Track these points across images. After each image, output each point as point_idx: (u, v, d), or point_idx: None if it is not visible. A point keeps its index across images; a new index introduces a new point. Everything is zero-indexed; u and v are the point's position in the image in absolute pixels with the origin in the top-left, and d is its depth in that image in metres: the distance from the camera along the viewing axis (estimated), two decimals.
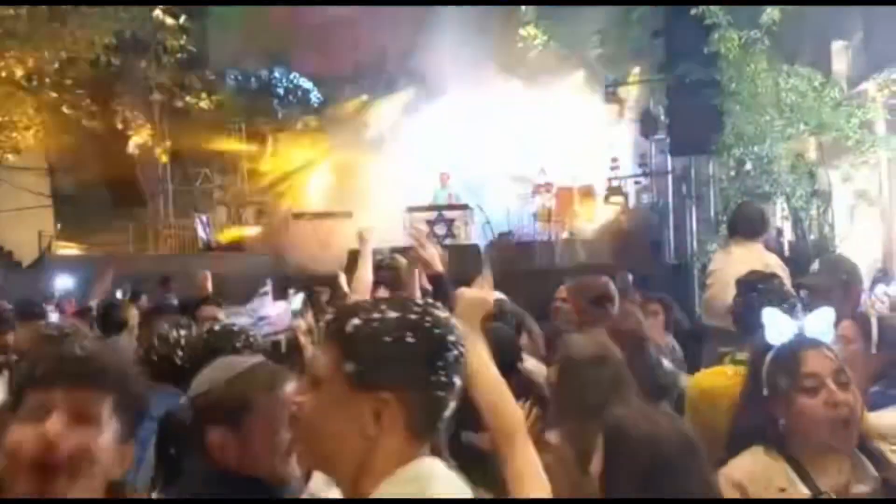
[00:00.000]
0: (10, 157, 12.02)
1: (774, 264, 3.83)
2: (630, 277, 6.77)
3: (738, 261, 3.78)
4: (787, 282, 3.19)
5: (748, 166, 8.75)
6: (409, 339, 1.25)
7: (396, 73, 15.65)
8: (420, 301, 1.37)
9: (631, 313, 3.55)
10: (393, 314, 1.27)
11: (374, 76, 15.75)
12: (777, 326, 1.91)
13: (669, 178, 11.25)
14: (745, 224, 4.20)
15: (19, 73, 10.85)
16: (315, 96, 16.25)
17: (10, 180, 12.87)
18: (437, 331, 1.28)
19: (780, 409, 1.87)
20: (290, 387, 1.74)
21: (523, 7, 14.88)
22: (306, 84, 16.40)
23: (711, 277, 4.21)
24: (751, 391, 1.97)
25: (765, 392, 1.90)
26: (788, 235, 9.53)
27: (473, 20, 14.08)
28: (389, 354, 1.25)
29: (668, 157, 11.14)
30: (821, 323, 1.92)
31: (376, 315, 1.28)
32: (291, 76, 16.26)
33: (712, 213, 9.34)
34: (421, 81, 15.12)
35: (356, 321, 1.27)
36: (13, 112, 11.00)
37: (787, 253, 8.18)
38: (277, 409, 1.71)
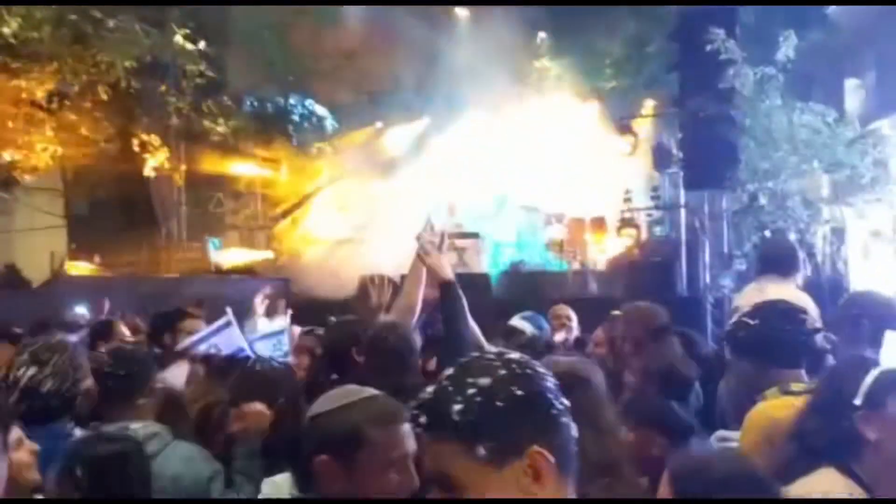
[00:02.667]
0: (27, 177, 12.14)
1: (810, 306, 3.77)
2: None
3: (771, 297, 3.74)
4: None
5: (762, 201, 8.75)
6: (518, 393, 1.23)
7: (410, 101, 15.79)
8: (487, 353, 1.34)
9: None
10: (484, 379, 1.23)
11: (389, 104, 15.88)
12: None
13: (682, 211, 11.26)
14: (781, 260, 4.10)
15: (40, 94, 11.00)
16: (330, 123, 16.39)
17: (25, 200, 12.98)
18: (528, 370, 1.27)
19: (874, 427, 1.84)
20: (406, 426, 1.67)
21: (538, 39, 15.04)
22: (321, 111, 16.55)
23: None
24: (829, 406, 1.94)
25: (859, 407, 1.87)
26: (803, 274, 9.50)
27: (488, 51, 14.22)
28: (509, 417, 1.21)
29: (682, 191, 11.16)
30: None
31: (471, 389, 1.23)
32: (307, 102, 16.41)
33: (725, 248, 9.34)
34: (434, 111, 15.25)
35: (458, 406, 1.22)
36: (32, 133, 11.14)
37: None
38: (390, 447, 1.67)
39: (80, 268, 13.60)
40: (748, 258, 8.68)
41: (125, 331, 5.58)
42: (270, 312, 5.37)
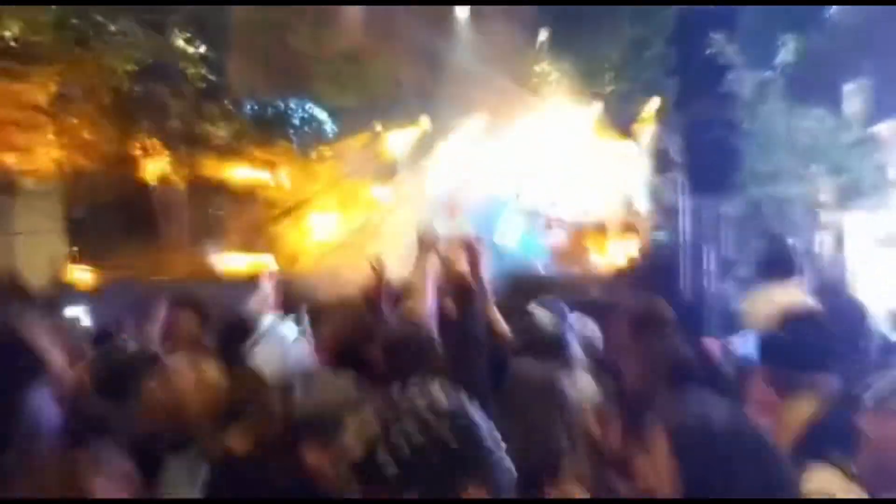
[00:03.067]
0: (27, 180, 12.14)
1: (814, 308, 3.79)
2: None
3: (780, 305, 3.75)
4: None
5: (763, 206, 8.78)
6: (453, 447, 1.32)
7: (410, 105, 15.80)
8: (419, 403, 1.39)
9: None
10: (418, 438, 1.33)
11: (389, 108, 15.89)
12: None
13: (682, 216, 11.27)
14: (780, 265, 4.16)
15: (41, 98, 11.01)
16: (330, 127, 16.39)
17: (25, 203, 12.98)
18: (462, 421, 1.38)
19: (874, 426, 1.93)
20: None
21: (538, 42, 15.07)
22: (321, 114, 16.55)
23: (751, 319, 4.15)
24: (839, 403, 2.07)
25: (865, 404, 1.98)
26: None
27: (488, 54, 14.25)
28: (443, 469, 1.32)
29: (682, 196, 11.17)
30: None
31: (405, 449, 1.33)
32: (307, 106, 16.41)
33: (727, 253, 9.35)
34: (434, 114, 15.26)
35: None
36: (33, 137, 11.14)
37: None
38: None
39: (79, 272, 13.59)
40: (750, 263, 8.71)
41: None
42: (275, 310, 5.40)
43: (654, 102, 12.87)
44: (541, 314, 3.86)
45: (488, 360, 3.20)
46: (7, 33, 10.60)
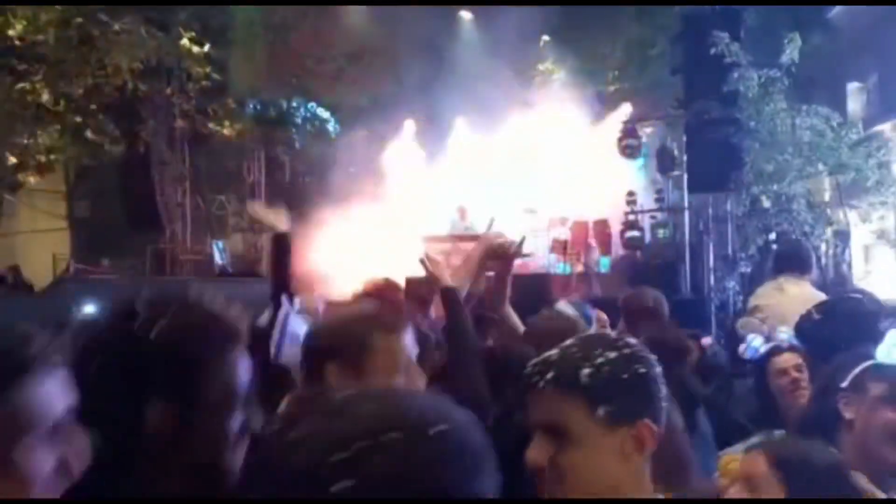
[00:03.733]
0: (32, 179, 12.17)
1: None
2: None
3: (793, 298, 3.78)
4: None
5: (766, 204, 8.78)
6: (641, 370, 1.41)
7: (414, 104, 15.83)
8: (612, 336, 1.55)
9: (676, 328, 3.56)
10: (611, 353, 1.41)
11: (392, 107, 15.91)
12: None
13: (686, 214, 11.29)
14: (796, 260, 4.20)
15: (45, 97, 11.04)
16: (332, 126, 16.42)
17: (28, 202, 13.01)
18: (648, 356, 1.45)
19: (852, 408, 2.06)
20: (409, 334, 1.86)
21: (541, 41, 15.09)
22: (324, 114, 16.57)
23: (761, 312, 4.18)
24: (825, 389, 2.19)
25: (844, 390, 2.10)
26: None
27: (491, 54, 14.27)
28: (631, 388, 1.39)
29: (685, 194, 11.19)
30: None
31: (600, 358, 1.40)
32: (309, 106, 16.44)
33: (730, 250, 9.36)
34: (439, 113, 15.28)
35: (587, 370, 1.38)
36: (38, 135, 11.17)
37: None
38: (397, 352, 1.80)
39: (84, 269, 13.61)
40: (753, 260, 8.72)
41: None
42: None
43: (658, 101, 12.89)
44: (566, 308, 3.89)
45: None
46: (11, 32, 10.63)
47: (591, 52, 13.93)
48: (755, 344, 3.39)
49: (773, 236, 8.63)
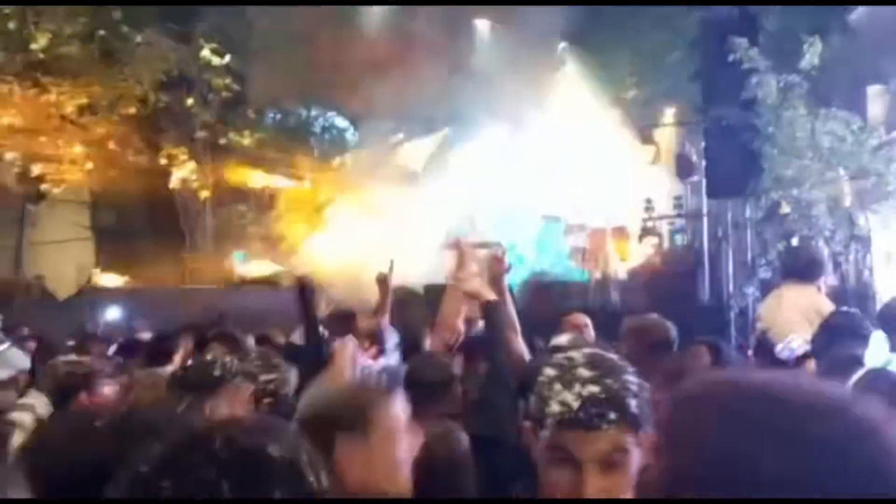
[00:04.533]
0: (55, 189, 12.34)
1: (827, 308, 3.80)
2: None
3: (789, 305, 3.77)
4: None
5: (786, 209, 8.72)
6: (645, 383, 1.51)
7: (432, 112, 15.89)
8: (613, 355, 1.60)
9: (698, 355, 3.48)
10: (630, 376, 1.49)
11: (410, 115, 15.98)
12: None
13: (705, 220, 11.24)
14: (800, 267, 4.18)
15: (70, 108, 11.21)
16: (351, 135, 16.52)
17: (52, 212, 13.19)
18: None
19: None
20: (401, 401, 1.91)
21: (559, 48, 15.12)
22: (342, 123, 16.68)
23: (762, 322, 4.19)
24: None
25: None
26: (829, 280, 9.45)
27: (508, 62, 14.31)
28: (647, 402, 1.49)
29: (704, 199, 11.14)
30: None
31: (632, 385, 1.48)
32: (328, 115, 16.56)
33: (749, 256, 9.31)
34: (456, 121, 15.33)
35: (633, 400, 1.47)
36: (62, 146, 11.35)
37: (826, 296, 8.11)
38: (395, 422, 1.84)
39: (106, 279, 13.77)
40: (772, 266, 8.66)
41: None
42: None
43: (676, 107, 12.86)
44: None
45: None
46: (35, 45, 10.81)
47: (609, 58, 13.93)
48: (793, 345, 3.36)
49: (794, 241, 8.57)
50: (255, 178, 14.95)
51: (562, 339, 4.16)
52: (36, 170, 11.24)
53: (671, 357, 3.34)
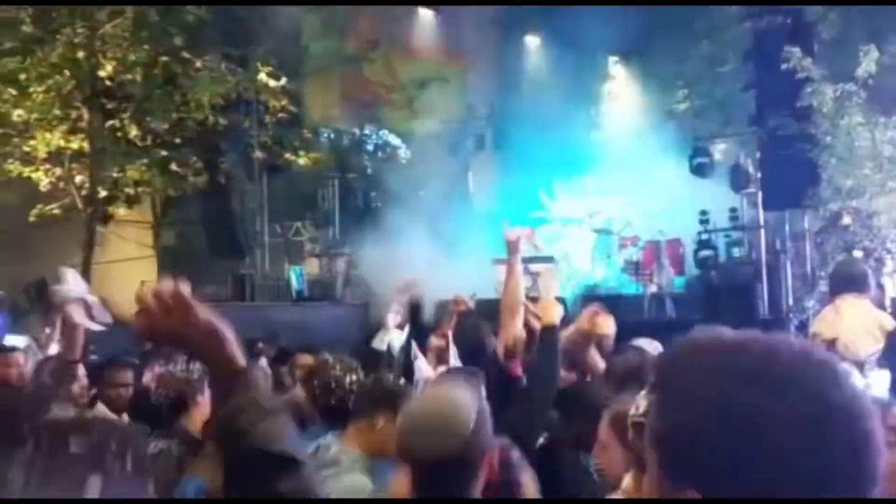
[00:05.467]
0: (121, 210, 12.79)
1: (887, 321, 3.75)
2: None
3: (850, 317, 3.72)
4: None
5: (846, 220, 8.56)
6: None
7: (482, 130, 16.02)
8: None
9: None
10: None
11: (461, 133, 16.13)
12: None
13: (762, 232, 11.08)
14: (850, 281, 4.12)
15: (133, 132, 11.63)
16: (403, 153, 16.73)
17: (118, 233, 13.65)
18: None
19: None
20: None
21: (610, 63, 15.12)
22: (395, 141, 16.91)
23: (820, 338, 4.11)
24: None
25: None
26: (892, 292, 9.20)
27: (560, 75, 14.36)
28: None
29: (760, 211, 10.99)
30: None
31: None
32: (381, 133, 16.81)
33: (808, 268, 9.15)
34: (507, 137, 15.41)
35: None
36: (126, 169, 11.78)
37: (889, 310, 7.90)
38: None
39: None
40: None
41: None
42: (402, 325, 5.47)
43: (730, 118, 12.71)
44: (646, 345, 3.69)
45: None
46: (102, 73, 11.28)
47: (660, 71, 13.86)
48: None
49: (857, 254, 8.38)
50: (311, 196, 15.25)
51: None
52: (103, 192, 11.66)
53: None
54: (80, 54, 11.03)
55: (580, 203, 14.78)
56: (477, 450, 1.73)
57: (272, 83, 12.24)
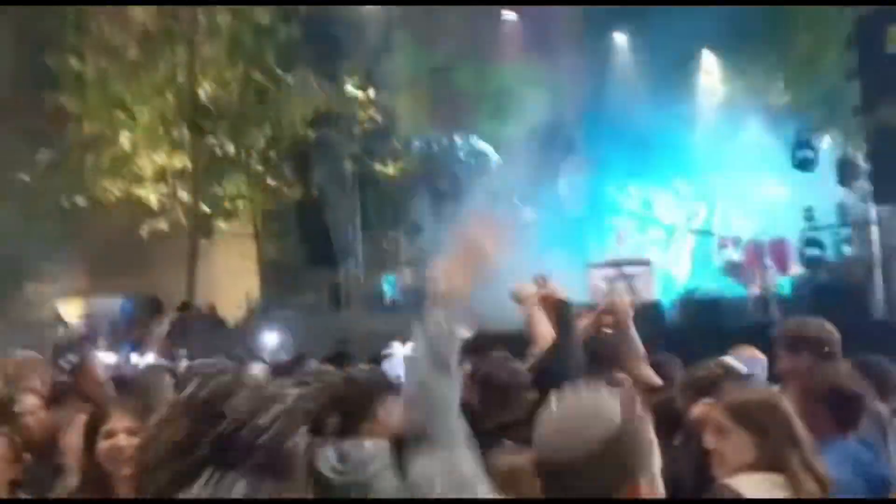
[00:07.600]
0: (223, 224, 13.34)
1: None
2: None
3: None
4: None
5: None
6: None
7: (573, 134, 15.81)
8: None
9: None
10: None
11: (551, 138, 15.97)
12: None
13: (874, 228, 10.48)
14: None
15: (231, 149, 12.14)
16: (493, 159, 16.70)
17: (221, 246, 14.24)
18: None
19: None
20: None
21: (700, 56, 14.69)
22: (485, 147, 16.91)
23: None
24: None
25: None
26: None
27: (650, 72, 14.03)
28: None
29: (871, 206, 10.39)
30: None
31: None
32: (471, 140, 16.85)
33: None
34: (597, 139, 15.15)
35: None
36: (225, 184, 12.28)
37: None
38: None
39: (267, 307, 14.67)
40: None
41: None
42: None
43: (834, 109, 12.08)
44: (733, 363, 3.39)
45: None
46: (201, 92, 11.82)
47: (757, 64, 13.32)
48: None
49: None
50: (403, 205, 15.45)
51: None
52: (205, 207, 12.17)
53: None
54: (181, 78, 11.60)
55: (675, 203, 14.36)
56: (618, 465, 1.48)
57: (360, 95, 12.52)
